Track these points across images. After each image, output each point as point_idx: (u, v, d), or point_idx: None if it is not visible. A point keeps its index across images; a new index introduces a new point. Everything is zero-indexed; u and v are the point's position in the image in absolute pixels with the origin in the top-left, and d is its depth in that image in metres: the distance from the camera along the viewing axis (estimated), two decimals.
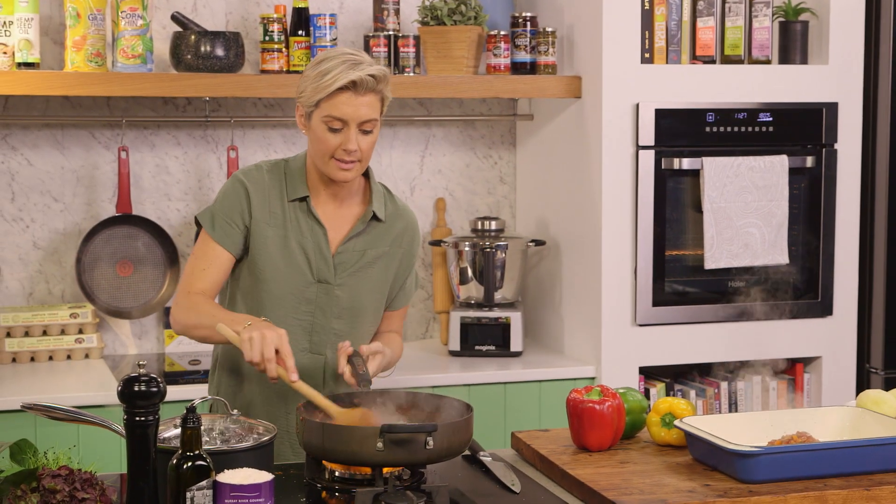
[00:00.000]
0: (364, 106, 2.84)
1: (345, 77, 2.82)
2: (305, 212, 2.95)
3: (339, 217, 2.99)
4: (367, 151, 2.89)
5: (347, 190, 2.99)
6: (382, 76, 2.87)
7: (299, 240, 2.94)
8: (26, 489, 2.22)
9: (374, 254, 3.00)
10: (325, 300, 2.95)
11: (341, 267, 2.96)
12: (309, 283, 2.94)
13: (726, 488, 2.42)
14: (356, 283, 2.97)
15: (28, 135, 4.15)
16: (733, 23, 4.17)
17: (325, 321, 2.97)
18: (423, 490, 2.39)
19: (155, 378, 2.18)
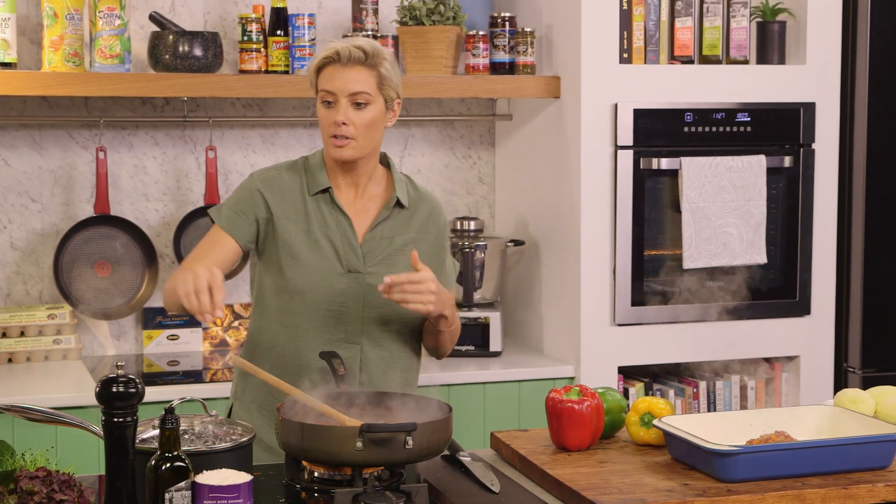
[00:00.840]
0: (352, 79, 2.86)
1: (329, 47, 2.89)
2: (329, 203, 2.95)
3: (362, 206, 2.99)
4: (363, 128, 2.89)
5: (367, 178, 2.99)
6: (374, 51, 2.88)
7: (325, 232, 2.94)
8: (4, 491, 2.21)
9: (401, 241, 2.99)
10: (357, 290, 2.94)
11: (370, 255, 2.95)
12: (339, 274, 2.93)
13: (705, 487, 2.43)
14: (386, 271, 2.94)
15: (5, 135, 4.14)
16: (711, 23, 4.18)
17: (359, 311, 2.95)
18: (403, 490, 2.39)
19: (133, 379, 2.18)
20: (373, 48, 2.89)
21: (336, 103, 2.88)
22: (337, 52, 2.87)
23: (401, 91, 2.97)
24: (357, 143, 2.90)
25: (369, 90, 2.88)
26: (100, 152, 4.11)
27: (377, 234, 2.97)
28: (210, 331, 4.30)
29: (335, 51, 2.87)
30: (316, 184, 2.96)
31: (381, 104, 2.92)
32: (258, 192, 2.95)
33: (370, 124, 2.90)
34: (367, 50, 2.87)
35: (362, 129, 2.89)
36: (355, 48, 2.87)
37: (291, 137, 4.41)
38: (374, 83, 2.89)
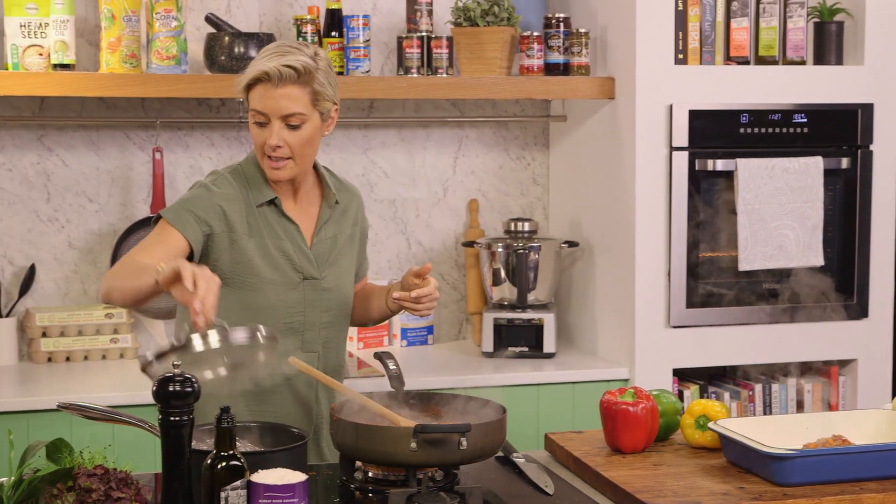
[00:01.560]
0: (284, 98, 2.78)
1: (257, 68, 2.79)
2: (276, 214, 2.91)
3: (302, 211, 2.96)
4: (299, 148, 2.82)
5: (305, 182, 2.95)
6: (305, 68, 2.78)
7: (277, 243, 2.90)
8: (62, 488, 2.24)
9: (343, 238, 3.00)
10: (314, 296, 2.93)
11: (320, 258, 2.94)
12: (296, 284, 2.91)
13: (761, 491, 2.41)
14: (337, 273, 2.96)
15: (63, 136, 4.18)
16: (768, 23, 4.15)
17: (315, 317, 2.94)
18: (457, 491, 2.39)
19: (190, 378, 2.19)
20: (304, 66, 2.78)
21: (268, 124, 2.80)
22: (266, 73, 2.77)
23: (337, 97, 2.89)
24: (293, 163, 2.84)
25: (303, 110, 2.80)
26: (156, 153, 4.14)
27: (322, 236, 2.96)
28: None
29: (263, 72, 2.77)
30: (261, 195, 2.89)
31: (317, 119, 2.84)
32: (219, 207, 2.86)
33: (306, 143, 2.83)
34: (298, 69, 2.77)
35: (298, 148, 2.82)
36: (285, 67, 2.76)
37: (346, 138, 4.42)
38: (308, 101, 2.80)
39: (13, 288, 4.14)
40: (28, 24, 3.85)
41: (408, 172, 4.51)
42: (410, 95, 4.07)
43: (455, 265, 4.57)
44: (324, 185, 2.99)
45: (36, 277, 4.16)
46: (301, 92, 2.79)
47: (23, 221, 4.15)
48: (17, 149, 4.13)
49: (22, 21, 3.85)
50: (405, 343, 4.43)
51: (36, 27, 3.85)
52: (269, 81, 2.77)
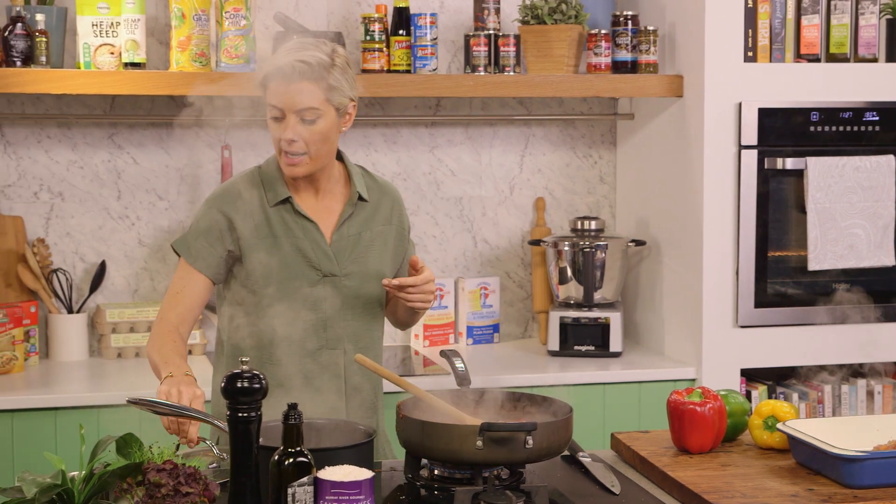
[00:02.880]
0: (298, 93, 2.78)
1: (271, 63, 2.81)
2: (292, 212, 2.90)
3: (325, 207, 2.94)
4: (315, 144, 2.82)
5: (326, 178, 2.94)
6: (319, 63, 2.78)
7: (293, 242, 2.89)
8: (132, 483, 2.26)
9: (369, 236, 2.96)
10: (335, 293, 2.91)
11: (341, 255, 2.91)
12: (316, 282, 2.90)
13: (830, 493, 2.39)
14: (360, 269, 2.93)
15: (134, 134, 4.22)
16: (839, 21, 4.10)
17: (338, 314, 2.92)
18: (523, 490, 2.38)
19: (258, 375, 2.20)
20: (318, 60, 2.78)
21: (284, 119, 2.81)
22: (279, 69, 2.78)
23: (355, 93, 2.88)
24: (309, 158, 2.84)
25: (317, 104, 2.80)
26: (224, 150, 4.17)
27: (344, 233, 2.93)
28: None
29: (277, 67, 2.78)
30: (275, 195, 2.90)
31: (333, 114, 2.83)
32: (223, 217, 2.88)
33: (322, 138, 2.83)
34: (311, 63, 2.78)
35: (313, 143, 2.82)
36: (298, 62, 2.77)
37: (413, 136, 4.43)
38: (322, 96, 2.80)
39: (84, 284, 4.19)
40: (100, 24, 3.89)
41: (474, 170, 4.51)
42: (477, 94, 4.07)
43: (521, 263, 4.57)
44: (351, 183, 2.98)
45: (106, 274, 4.21)
46: (315, 87, 2.79)
47: (94, 219, 4.20)
48: (88, 147, 4.18)
49: (94, 20, 3.89)
50: (471, 341, 4.43)
51: (107, 26, 3.90)
52: (283, 77, 2.79)
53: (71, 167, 4.18)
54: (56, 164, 4.16)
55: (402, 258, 3.06)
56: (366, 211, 2.98)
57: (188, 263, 2.90)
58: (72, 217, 4.19)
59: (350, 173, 2.98)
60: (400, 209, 3.07)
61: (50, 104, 4.14)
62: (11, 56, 3.78)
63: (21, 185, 4.14)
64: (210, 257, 2.89)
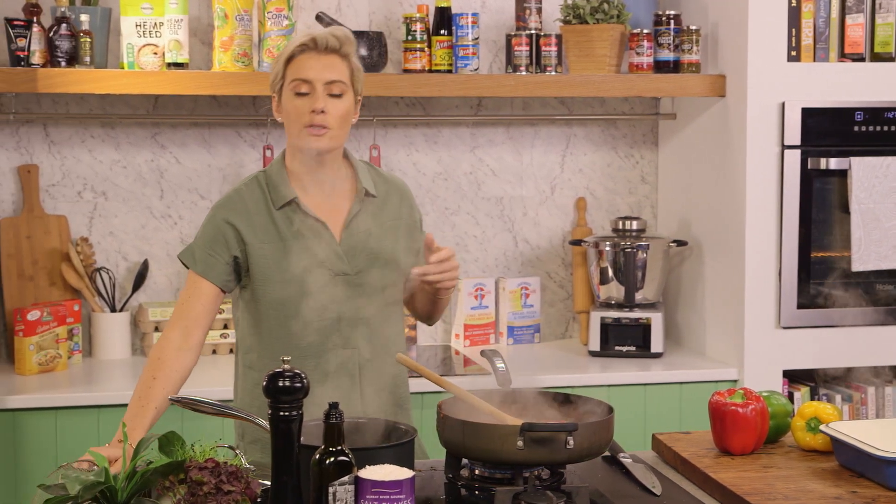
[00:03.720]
0: (327, 67, 2.81)
1: (304, 36, 2.84)
2: (299, 212, 2.88)
3: (332, 206, 2.91)
4: (338, 119, 2.82)
5: (331, 173, 2.90)
6: (346, 37, 2.83)
7: (302, 242, 2.86)
8: (174, 480, 2.27)
9: (380, 232, 2.93)
10: (348, 291, 2.88)
11: (351, 253, 2.88)
12: (328, 282, 2.86)
13: (874, 496, 2.37)
14: (372, 266, 2.90)
15: (176, 133, 4.25)
16: (884, 20, 4.07)
17: (354, 313, 2.89)
18: (563, 490, 2.38)
19: (299, 374, 2.21)
20: (345, 35, 2.84)
21: (312, 92, 2.81)
22: (314, 40, 2.81)
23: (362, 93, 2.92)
24: (333, 134, 2.83)
25: (344, 80, 2.83)
26: (266, 150, 4.19)
27: (354, 230, 2.90)
28: None
29: (312, 38, 2.81)
30: (280, 197, 2.88)
31: (352, 97, 2.86)
32: (227, 225, 2.87)
33: (344, 115, 2.84)
34: (339, 37, 2.82)
35: (338, 119, 2.82)
36: (331, 36, 2.81)
37: (454, 136, 4.44)
38: (348, 74, 2.84)
39: (127, 283, 4.22)
40: (143, 24, 3.92)
41: (515, 170, 4.51)
42: (519, 93, 4.06)
43: (562, 263, 4.56)
44: (357, 179, 2.96)
45: (149, 273, 4.23)
46: (342, 64, 2.84)
47: (137, 218, 4.23)
48: (131, 146, 4.21)
49: (137, 21, 3.92)
50: (511, 341, 4.43)
51: (151, 27, 3.92)
52: (315, 49, 2.82)
53: (114, 167, 4.20)
54: (99, 164, 4.19)
55: (417, 252, 3.00)
56: (374, 206, 2.95)
57: (195, 273, 2.88)
58: (115, 216, 4.22)
59: (356, 170, 2.96)
60: (409, 202, 3.04)
61: (94, 104, 4.17)
62: (56, 56, 3.81)
63: (65, 185, 4.18)
64: (216, 266, 2.87)
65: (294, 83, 2.82)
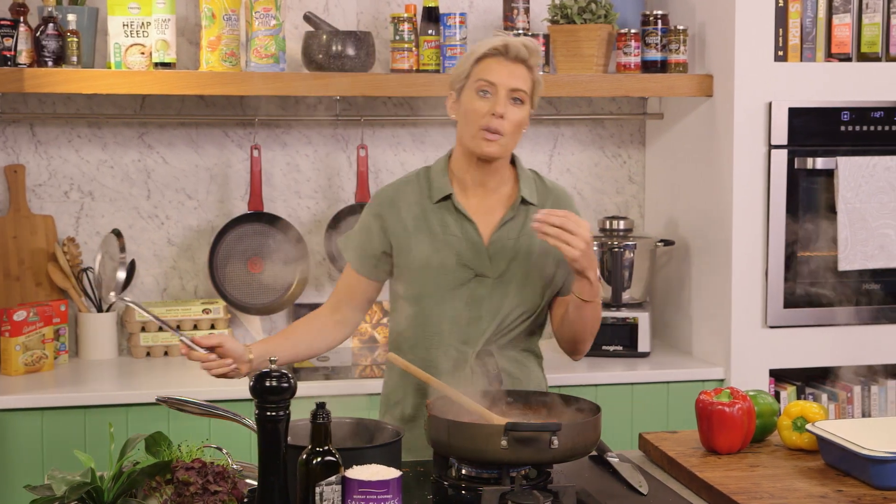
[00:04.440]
0: (514, 75, 2.83)
1: (495, 40, 2.86)
2: (452, 210, 2.91)
3: (487, 208, 2.94)
4: (513, 126, 2.84)
5: (495, 177, 2.93)
6: (534, 48, 2.86)
7: (449, 238, 2.89)
8: (161, 481, 2.27)
9: (528, 240, 2.92)
10: (483, 293, 2.89)
11: (497, 256, 2.90)
12: (467, 280, 2.89)
13: (860, 494, 2.37)
14: (514, 272, 2.91)
15: (164, 133, 4.24)
16: (870, 20, 4.08)
17: (488, 315, 2.90)
18: (550, 489, 2.38)
19: (286, 374, 2.21)
20: (535, 47, 2.86)
21: (494, 95, 2.83)
22: (506, 46, 2.83)
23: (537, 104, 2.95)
24: (504, 140, 2.85)
25: (526, 89, 2.85)
26: (254, 150, 4.19)
27: (504, 235, 2.91)
28: (359, 327, 4.34)
29: (504, 44, 2.83)
30: (438, 191, 2.92)
31: (529, 107, 2.88)
32: (375, 220, 2.94)
33: (519, 124, 2.87)
34: (529, 47, 2.85)
35: (512, 126, 2.84)
36: (523, 46, 2.84)
37: (441, 136, 4.43)
38: (530, 83, 2.86)
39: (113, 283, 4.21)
40: (130, 24, 3.91)
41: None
42: None
43: None
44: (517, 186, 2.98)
45: (136, 273, 4.23)
46: (525, 71, 2.86)
47: (124, 218, 4.22)
48: (118, 146, 4.21)
49: (124, 20, 3.91)
50: None
51: (138, 26, 3.92)
52: (506, 55, 2.84)
53: (101, 166, 4.20)
54: (86, 164, 4.19)
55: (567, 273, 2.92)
56: (529, 214, 2.94)
57: (352, 269, 3.02)
58: (102, 216, 4.21)
59: (519, 177, 2.98)
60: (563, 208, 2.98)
61: (81, 104, 4.16)
62: (43, 56, 3.80)
63: (52, 185, 4.17)
64: (363, 258, 2.98)
65: (479, 83, 2.85)
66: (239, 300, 4.20)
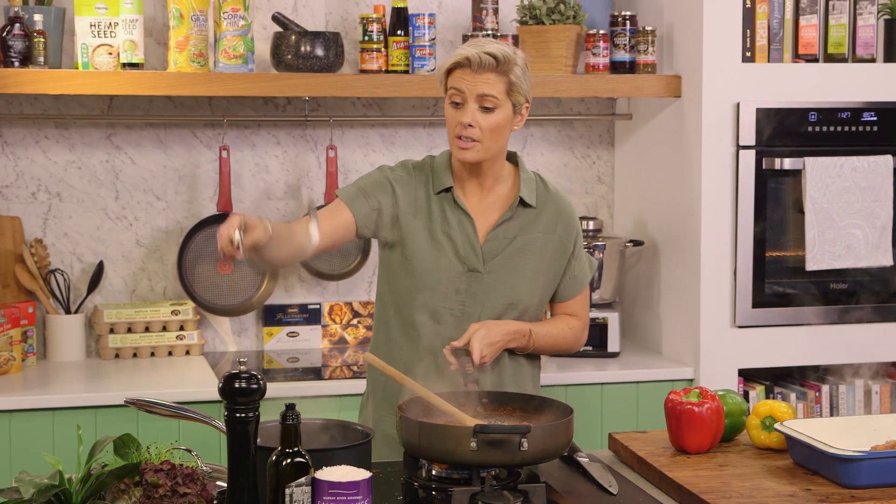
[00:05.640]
0: (481, 82, 2.86)
1: (460, 53, 2.89)
2: (451, 203, 2.96)
3: (486, 206, 2.99)
4: (488, 132, 2.88)
5: (493, 178, 2.98)
6: (504, 57, 2.87)
7: (446, 230, 2.94)
8: (129, 483, 2.26)
9: (523, 241, 2.97)
10: (477, 289, 2.94)
11: (490, 254, 2.95)
12: (459, 273, 2.93)
13: (828, 493, 2.39)
14: (506, 271, 2.95)
15: (132, 134, 4.22)
16: (837, 21, 4.11)
17: (475, 311, 2.94)
18: (520, 490, 2.39)
19: (255, 375, 2.20)
20: (504, 54, 2.87)
21: (464, 104, 2.88)
22: (467, 59, 2.87)
23: (530, 96, 2.96)
24: (481, 146, 2.89)
25: (497, 95, 2.87)
26: (223, 151, 4.17)
27: (499, 234, 2.97)
28: (329, 328, 4.34)
29: (465, 57, 2.87)
30: (440, 183, 2.97)
31: (509, 109, 2.90)
32: (390, 184, 2.97)
33: (495, 128, 2.89)
34: (497, 56, 2.86)
35: (487, 132, 2.88)
36: (486, 55, 2.86)
37: (411, 137, 4.43)
38: (503, 88, 2.88)
39: (81, 284, 4.19)
40: (98, 24, 3.89)
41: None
42: None
43: None
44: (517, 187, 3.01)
45: (104, 274, 4.21)
46: (498, 79, 2.88)
47: (91, 219, 4.20)
48: (86, 147, 4.18)
49: (92, 21, 3.89)
50: None
51: (105, 27, 3.90)
52: (469, 66, 2.87)
53: (69, 167, 4.17)
54: (54, 165, 4.16)
55: (563, 273, 3.04)
56: (527, 216, 3.00)
57: (340, 199, 2.96)
58: (69, 217, 4.19)
59: (520, 179, 3.01)
60: (566, 220, 3.04)
61: (48, 104, 4.14)
62: (9, 56, 3.78)
63: (19, 186, 4.14)
64: (363, 205, 2.95)
65: (451, 92, 2.91)
66: (208, 301, 4.19)
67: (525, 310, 2.98)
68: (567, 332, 3.08)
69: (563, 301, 3.08)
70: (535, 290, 2.99)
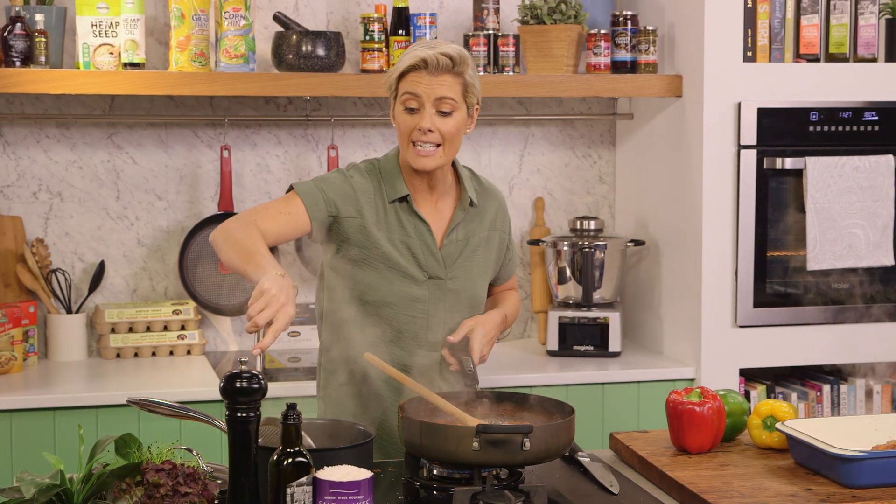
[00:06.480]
0: (438, 85, 2.81)
1: (415, 55, 2.82)
2: (407, 211, 2.92)
3: (437, 211, 2.97)
4: (449, 135, 2.84)
5: (443, 181, 2.96)
6: (460, 58, 2.82)
7: (404, 239, 2.91)
8: (131, 483, 2.26)
9: (476, 241, 2.99)
10: (439, 295, 2.94)
11: (449, 259, 2.94)
12: (421, 282, 2.92)
13: (829, 493, 2.39)
14: (465, 274, 2.96)
15: (133, 134, 4.22)
16: (838, 20, 4.10)
17: (439, 317, 2.94)
18: (521, 490, 2.39)
19: (257, 375, 2.20)
20: (459, 55, 2.83)
21: (421, 109, 2.83)
22: (424, 61, 2.80)
23: (480, 97, 2.91)
24: (443, 152, 2.86)
25: (455, 97, 2.83)
26: (224, 151, 4.17)
27: (454, 238, 2.96)
28: None
29: (422, 59, 2.80)
30: (394, 191, 2.92)
31: (464, 111, 2.87)
32: (354, 193, 2.89)
33: (455, 132, 2.86)
34: (454, 57, 2.82)
35: (448, 136, 2.84)
36: (442, 56, 2.80)
37: None
38: (460, 90, 2.84)
39: (83, 284, 4.19)
40: (99, 24, 3.90)
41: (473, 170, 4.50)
42: None
43: (520, 263, 4.57)
44: (461, 187, 2.99)
45: (105, 274, 4.21)
46: (454, 81, 2.83)
47: (93, 219, 4.20)
48: (87, 147, 4.19)
49: (93, 20, 3.89)
50: None
51: (107, 26, 3.90)
52: (426, 69, 2.81)
53: (70, 167, 4.18)
54: (55, 164, 4.16)
55: (501, 264, 3.11)
56: (474, 215, 3.01)
57: (299, 197, 2.85)
58: (71, 217, 4.19)
59: (460, 177, 3.00)
60: (503, 213, 3.09)
61: (49, 104, 4.14)
62: (11, 56, 3.78)
63: (20, 185, 4.15)
64: (322, 206, 2.85)
65: (405, 97, 2.84)
66: (209, 301, 4.19)
67: (480, 305, 3.02)
68: (517, 306, 3.19)
69: (504, 282, 3.17)
70: (486, 285, 3.05)
